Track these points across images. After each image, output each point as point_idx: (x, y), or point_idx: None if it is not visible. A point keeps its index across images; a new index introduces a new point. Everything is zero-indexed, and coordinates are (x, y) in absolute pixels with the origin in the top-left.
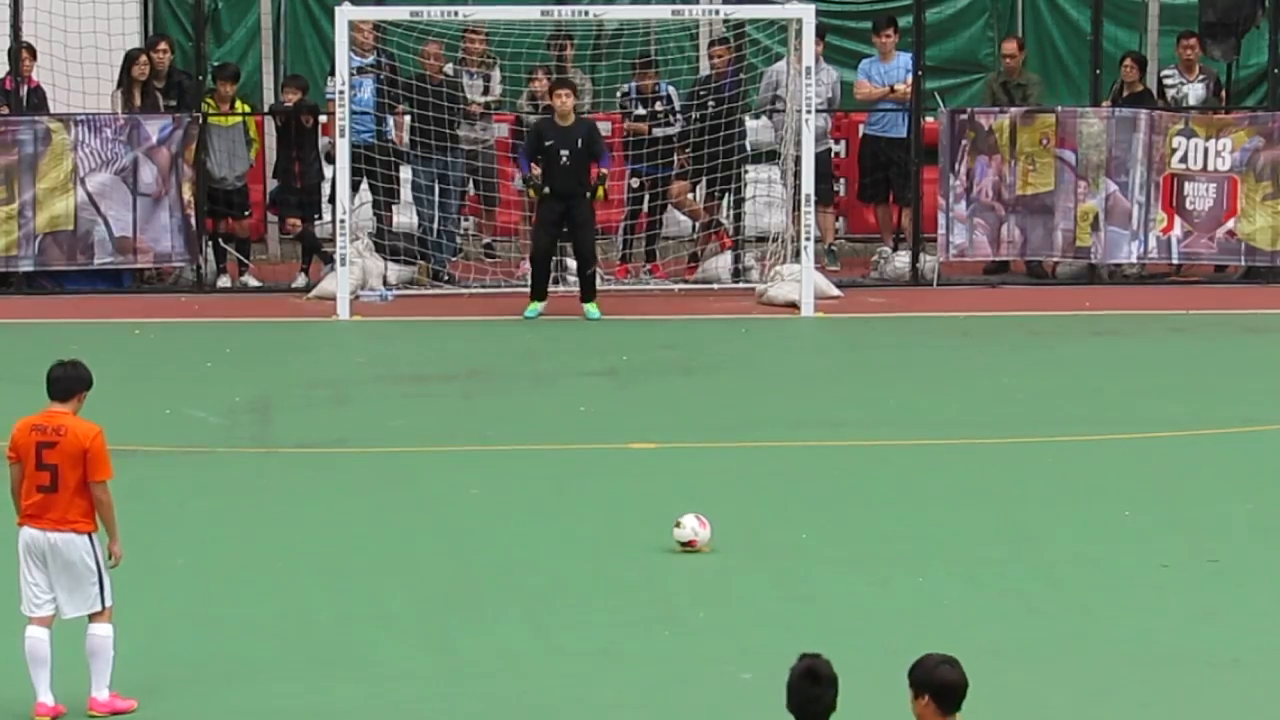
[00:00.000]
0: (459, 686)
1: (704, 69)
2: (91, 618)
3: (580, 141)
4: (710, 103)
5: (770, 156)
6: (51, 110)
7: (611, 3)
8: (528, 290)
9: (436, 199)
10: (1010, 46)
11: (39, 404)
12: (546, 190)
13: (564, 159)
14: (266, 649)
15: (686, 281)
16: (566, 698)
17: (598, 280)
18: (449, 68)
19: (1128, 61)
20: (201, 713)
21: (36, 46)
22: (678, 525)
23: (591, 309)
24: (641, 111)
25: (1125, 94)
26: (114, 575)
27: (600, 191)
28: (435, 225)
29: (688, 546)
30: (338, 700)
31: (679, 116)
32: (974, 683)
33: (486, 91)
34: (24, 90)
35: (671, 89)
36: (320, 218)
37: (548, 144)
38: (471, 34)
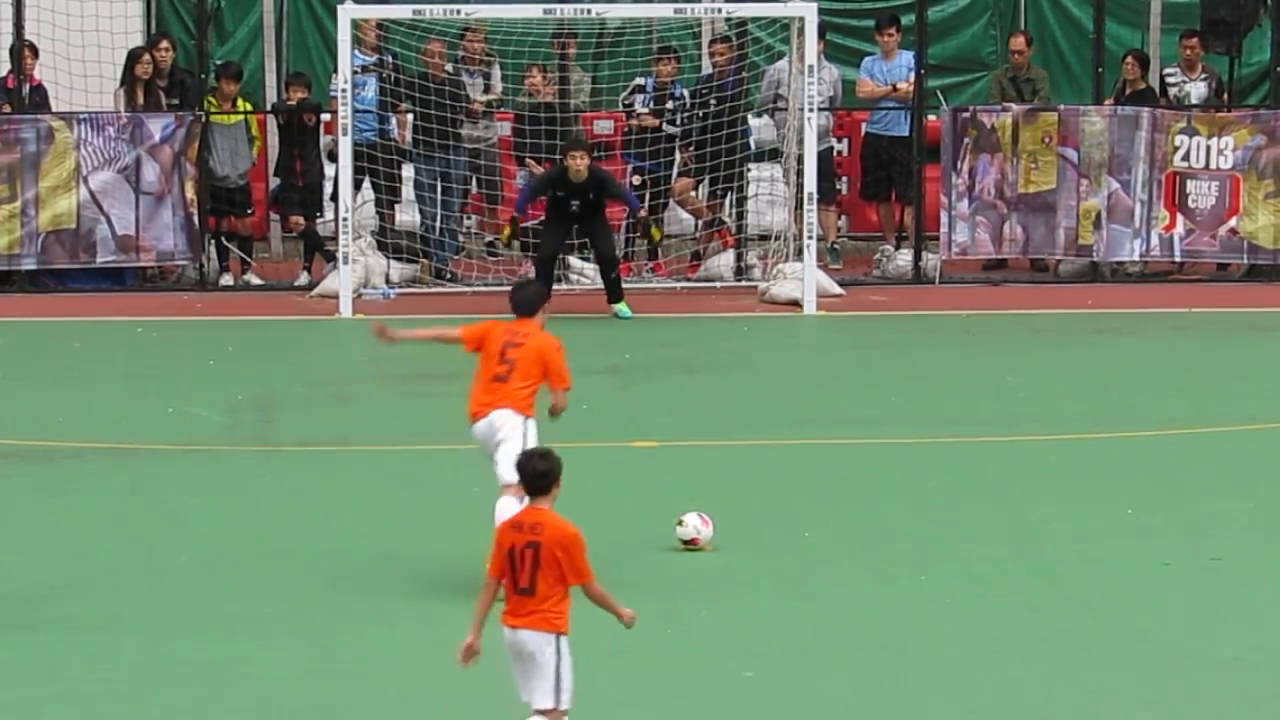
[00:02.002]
0: (460, 685)
1: (706, 67)
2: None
3: (591, 194)
4: (712, 101)
5: (772, 155)
6: (54, 109)
7: (613, 1)
8: None
9: (439, 197)
10: (1018, 42)
11: (39, 402)
12: (516, 243)
13: (574, 207)
14: (267, 647)
15: (689, 280)
16: None
17: (598, 278)
18: (449, 66)
19: (1129, 60)
20: (202, 710)
21: (39, 45)
22: (680, 523)
23: (623, 308)
24: (653, 106)
25: (1127, 92)
26: (113, 578)
27: (655, 233)
28: (437, 223)
29: (690, 545)
30: (338, 698)
31: (686, 116)
32: (976, 682)
33: (487, 90)
34: (26, 89)
35: (686, 91)
36: (321, 216)
37: (559, 194)
38: (470, 34)
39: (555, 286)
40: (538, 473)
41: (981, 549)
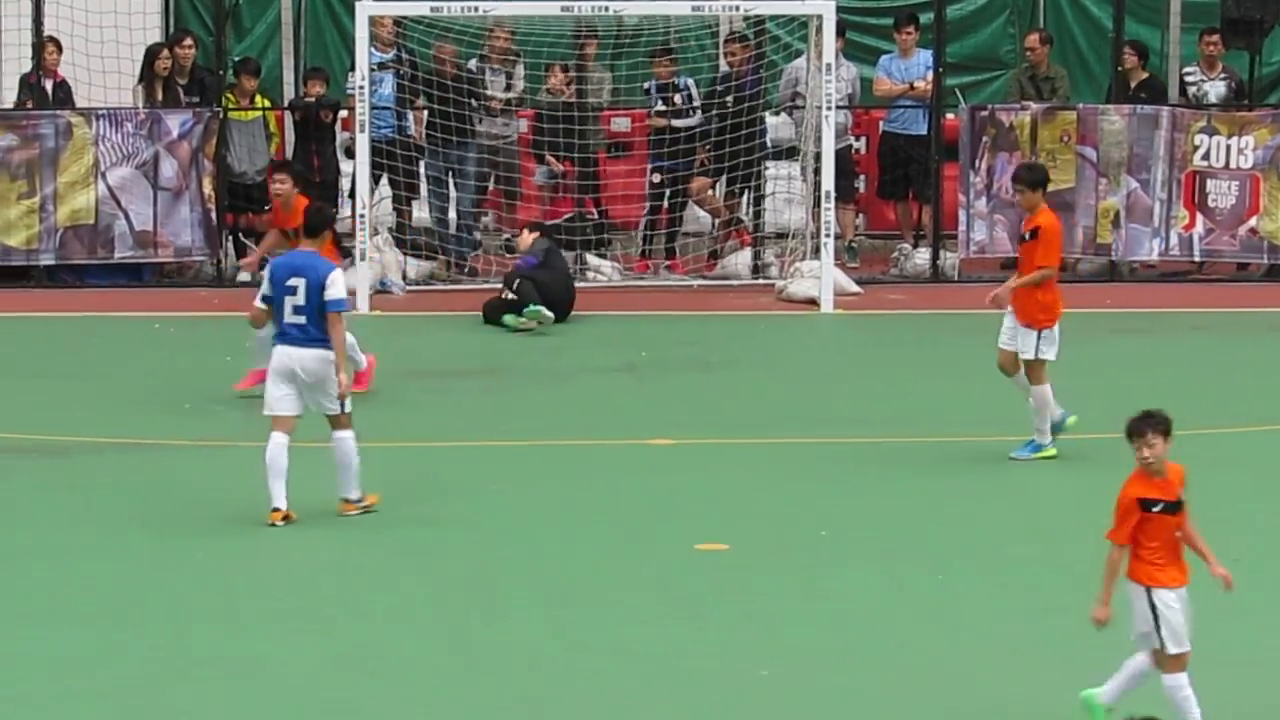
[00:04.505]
0: (477, 683)
1: (724, 66)
2: None
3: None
4: (729, 99)
5: (790, 153)
6: (74, 104)
7: None
8: None
9: (453, 193)
10: (1033, 39)
11: (56, 398)
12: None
13: None
14: (285, 644)
15: (706, 278)
16: (585, 694)
17: (616, 275)
18: (472, 63)
19: (1127, 51)
20: (216, 706)
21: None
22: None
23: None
24: (661, 106)
25: (1133, 85)
26: (131, 573)
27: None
28: (451, 219)
29: None
30: (355, 696)
31: (697, 109)
32: (995, 681)
33: (509, 88)
34: (49, 84)
35: (690, 81)
36: (337, 212)
37: None
38: (496, 31)
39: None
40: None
41: (1000, 548)
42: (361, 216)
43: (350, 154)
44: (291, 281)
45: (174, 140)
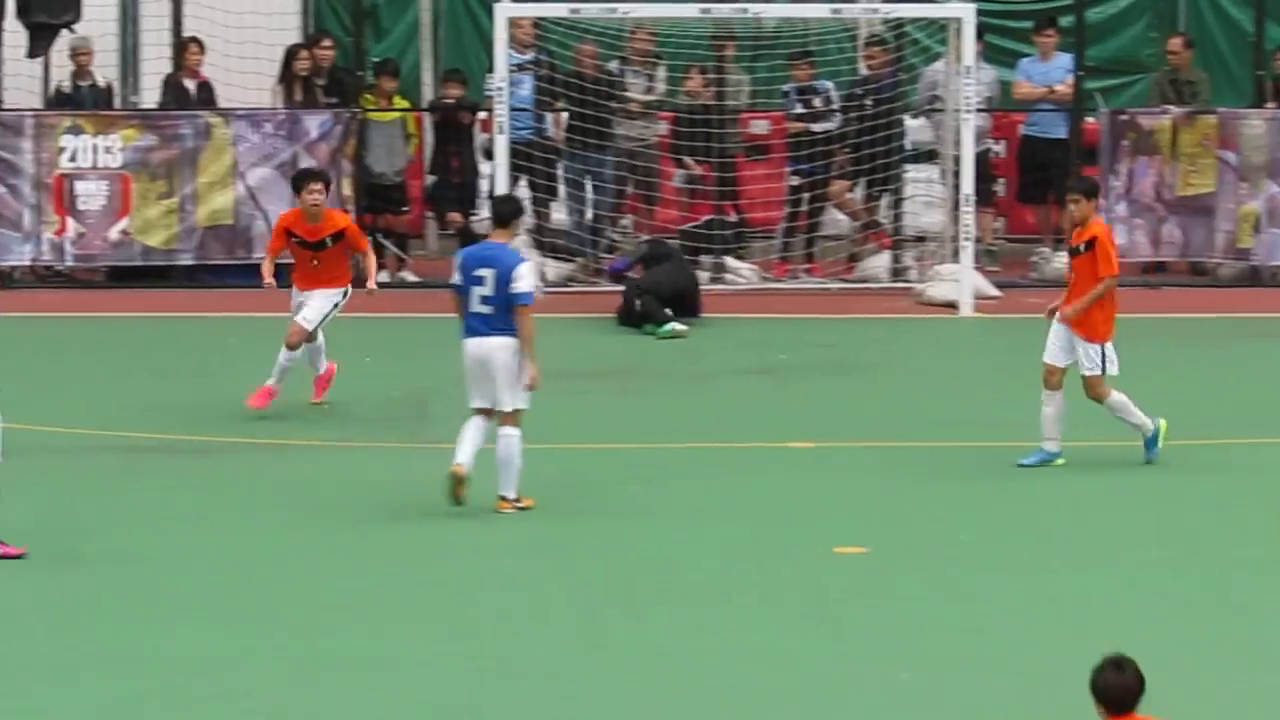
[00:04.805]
0: (615, 684)
1: (862, 69)
2: None
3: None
4: (868, 102)
5: (929, 156)
6: (217, 104)
7: (770, 1)
8: None
9: (591, 195)
10: (1176, 43)
11: (194, 398)
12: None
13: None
14: (423, 644)
15: (845, 281)
16: (724, 696)
17: (756, 278)
18: (613, 65)
19: (1279, 56)
20: (356, 708)
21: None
22: None
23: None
24: (800, 110)
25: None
26: (268, 572)
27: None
28: (586, 221)
29: None
30: (494, 696)
31: (836, 112)
32: None
33: (649, 90)
34: (191, 84)
35: (829, 84)
36: (477, 213)
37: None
38: (637, 32)
39: (710, 288)
40: None
41: (1139, 552)
42: None
43: (489, 155)
44: (480, 272)
45: (313, 141)
